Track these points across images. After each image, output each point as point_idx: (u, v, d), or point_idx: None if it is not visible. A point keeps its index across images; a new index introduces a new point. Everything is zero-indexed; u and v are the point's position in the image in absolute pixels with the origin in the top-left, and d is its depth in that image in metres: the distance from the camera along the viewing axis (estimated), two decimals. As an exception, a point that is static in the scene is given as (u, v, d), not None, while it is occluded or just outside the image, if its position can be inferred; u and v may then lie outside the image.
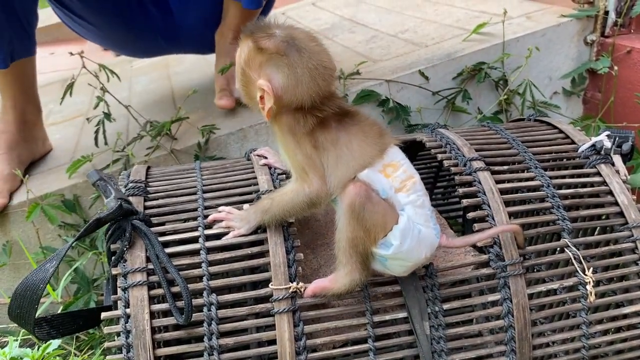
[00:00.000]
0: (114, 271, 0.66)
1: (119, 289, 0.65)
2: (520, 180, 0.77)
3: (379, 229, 0.63)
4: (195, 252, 0.68)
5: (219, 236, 0.69)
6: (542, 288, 0.70)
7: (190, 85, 1.50)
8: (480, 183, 0.73)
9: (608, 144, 0.78)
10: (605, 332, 0.73)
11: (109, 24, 1.27)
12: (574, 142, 0.82)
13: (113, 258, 0.67)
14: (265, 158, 0.80)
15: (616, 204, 0.75)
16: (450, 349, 0.67)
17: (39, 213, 1.09)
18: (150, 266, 0.66)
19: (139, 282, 0.65)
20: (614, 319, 0.73)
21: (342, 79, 1.25)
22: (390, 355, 0.67)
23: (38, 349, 0.92)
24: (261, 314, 0.66)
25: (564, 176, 0.77)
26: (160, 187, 0.76)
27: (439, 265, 0.70)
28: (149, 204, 0.73)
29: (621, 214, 0.74)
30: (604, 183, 0.76)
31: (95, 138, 1.19)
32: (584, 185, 0.77)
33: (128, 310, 0.64)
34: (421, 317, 0.67)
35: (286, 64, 0.62)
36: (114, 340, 0.64)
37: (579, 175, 0.78)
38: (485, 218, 0.71)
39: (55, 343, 0.92)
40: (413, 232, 0.63)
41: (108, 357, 0.64)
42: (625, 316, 0.72)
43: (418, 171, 0.68)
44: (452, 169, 0.76)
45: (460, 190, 0.73)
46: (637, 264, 0.73)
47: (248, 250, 0.68)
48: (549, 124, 0.89)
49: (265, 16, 1.38)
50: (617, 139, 0.78)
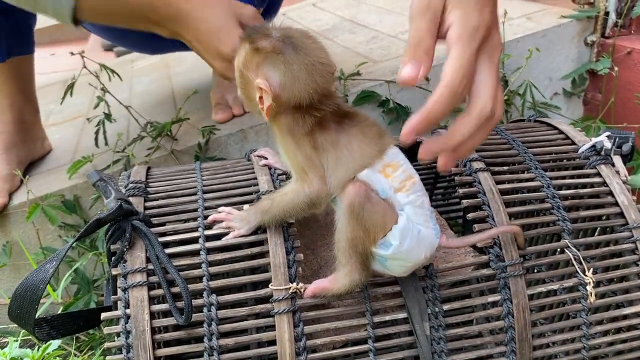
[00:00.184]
0: (114, 272, 0.66)
1: (118, 290, 0.65)
2: (520, 180, 0.77)
3: (378, 229, 0.62)
4: (195, 253, 0.68)
5: (219, 237, 0.69)
6: (542, 289, 0.70)
7: (190, 85, 1.51)
8: (480, 184, 0.73)
9: (608, 144, 0.78)
10: (606, 333, 0.73)
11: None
12: (574, 143, 0.82)
13: (113, 258, 0.67)
14: (266, 159, 0.80)
15: (616, 204, 0.75)
16: (450, 349, 0.67)
17: (39, 213, 1.09)
18: (150, 267, 0.66)
19: (139, 283, 0.65)
20: (614, 319, 0.73)
21: (343, 79, 1.25)
22: (391, 356, 0.67)
23: (38, 350, 0.92)
24: (261, 315, 0.66)
25: (564, 177, 0.77)
26: (161, 188, 0.76)
27: (438, 265, 0.70)
28: (149, 204, 0.73)
29: (621, 214, 0.74)
30: (604, 184, 0.76)
31: (96, 138, 1.19)
32: (584, 186, 0.77)
33: (128, 311, 0.64)
34: (421, 318, 0.67)
35: (282, 61, 0.62)
36: (114, 341, 0.64)
37: (579, 176, 0.78)
38: (486, 219, 0.71)
39: (55, 343, 0.92)
40: (412, 232, 0.63)
41: (108, 358, 0.64)
42: (625, 317, 0.72)
43: (418, 172, 0.67)
44: (452, 169, 0.76)
45: (460, 191, 0.73)
46: (638, 265, 0.73)
47: (248, 251, 0.68)
48: (549, 124, 0.89)
49: (270, 20, 1.38)
50: (617, 139, 0.78)
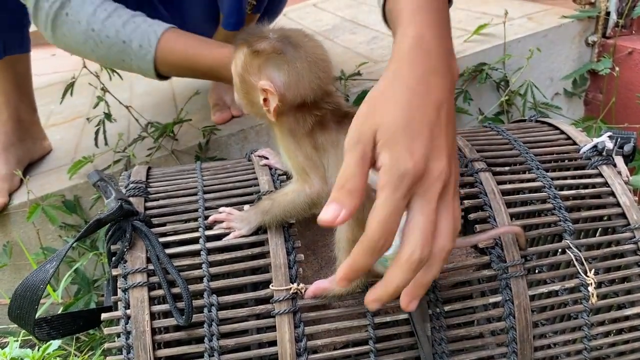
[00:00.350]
0: (114, 272, 0.66)
1: (119, 290, 0.65)
2: (521, 181, 0.76)
3: None
4: (196, 253, 0.67)
5: (219, 237, 0.68)
6: (544, 290, 0.70)
7: (191, 86, 1.50)
8: (481, 184, 0.73)
9: (610, 145, 0.78)
10: (607, 334, 0.72)
11: None
12: (575, 143, 0.82)
13: (113, 259, 0.67)
14: (266, 159, 0.80)
15: (618, 205, 0.74)
16: (451, 350, 0.67)
17: (39, 214, 1.09)
18: (151, 267, 0.65)
19: (139, 283, 0.64)
20: (616, 320, 0.72)
21: (343, 79, 1.25)
22: (392, 357, 0.67)
23: (38, 350, 0.91)
24: (262, 315, 0.66)
25: (565, 177, 0.77)
26: (161, 188, 0.76)
27: (440, 266, 0.69)
28: (149, 204, 0.73)
29: (623, 215, 0.74)
30: (606, 184, 0.76)
31: (96, 138, 1.19)
32: (586, 186, 0.76)
33: (128, 311, 0.64)
34: (422, 319, 0.66)
35: (285, 61, 0.62)
36: (114, 341, 0.64)
37: (581, 177, 0.78)
38: (487, 219, 0.71)
39: (55, 344, 0.92)
40: None
41: (108, 358, 0.64)
42: (627, 318, 0.72)
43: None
44: (454, 170, 0.76)
45: (462, 192, 0.73)
46: (639, 266, 0.72)
47: (249, 251, 0.68)
48: (550, 124, 0.88)
49: (272, 21, 1.38)
50: (619, 140, 0.78)
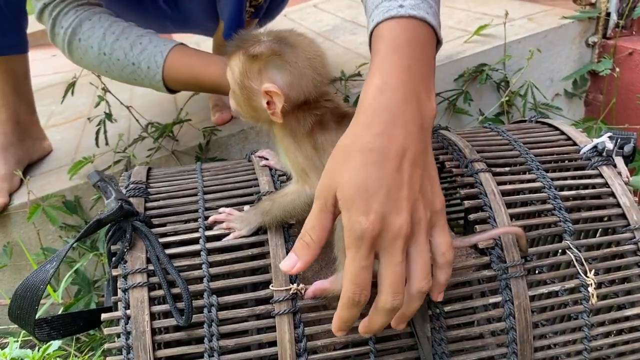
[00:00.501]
0: (114, 272, 0.66)
1: (119, 290, 0.65)
2: (521, 181, 0.76)
3: None
4: (196, 254, 0.67)
5: (219, 237, 0.69)
6: (544, 290, 0.70)
7: (191, 86, 1.50)
8: (481, 185, 0.73)
9: (610, 145, 0.78)
10: (607, 335, 0.72)
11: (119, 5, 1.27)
12: (575, 144, 0.82)
13: (113, 259, 0.67)
14: (266, 159, 0.80)
15: (618, 205, 0.74)
16: (451, 351, 0.67)
17: (40, 214, 1.09)
18: (151, 267, 0.65)
19: (139, 283, 0.64)
20: (616, 321, 0.72)
21: (343, 80, 1.25)
22: (391, 358, 0.67)
23: (38, 350, 0.91)
24: (262, 316, 0.66)
25: (565, 178, 0.77)
26: (161, 188, 0.76)
27: (440, 267, 0.69)
28: (149, 205, 0.73)
29: (623, 215, 0.74)
30: (606, 185, 0.76)
31: (96, 138, 1.19)
32: (586, 187, 0.76)
33: (128, 312, 0.64)
34: (422, 319, 0.66)
35: (284, 61, 0.63)
36: (114, 342, 0.64)
37: (581, 177, 0.78)
38: (487, 220, 0.71)
39: (55, 344, 0.92)
40: None
41: (108, 359, 0.64)
42: (627, 318, 0.72)
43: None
44: (454, 170, 0.76)
45: (462, 192, 0.73)
46: (639, 266, 0.72)
47: (249, 252, 0.68)
48: (550, 125, 0.88)
49: (271, 21, 1.38)
50: (619, 140, 0.78)
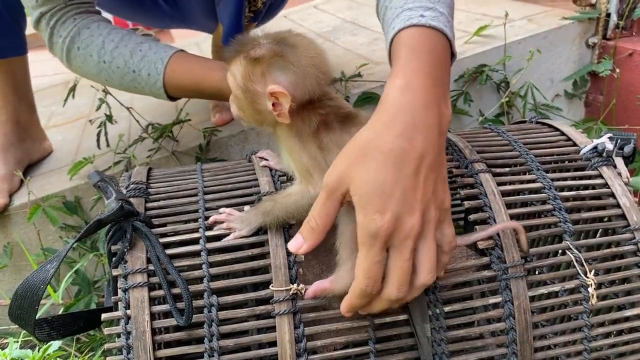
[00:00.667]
0: (115, 272, 0.66)
1: (119, 290, 0.65)
2: (522, 182, 0.76)
3: None
4: (196, 254, 0.67)
5: (220, 238, 0.69)
6: (544, 290, 0.70)
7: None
8: (481, 185, 0.73)
9: (610, 146, 0.78)
10: (607, 335, 0.72)
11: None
12: (575, 145, 0.82)
13: (114, 259, 0.67)
14: (266, 160, 0.80)
15: (618, 206, 0.74)
16: (451, 351, 0.67)
17: (40, 214, 1.10)
18: (151, 267, 0.65)
19: (140, 283, 0.65)
20: (616, 321, 0.72)
21: (344, 81, 1.25)
22: (391, 358, 0.67)
23: (38, 351, 0.91)
24: (262, 316, 0.66)
25: (565, 178, 0.77)
26: (162, 189, 0.76)
27: (440, 267, 0.69)
28: (150, 205, 0.73)
29: (623, 216, 0.74)
30: (606, 185, 0.76)
31: (97, 140, 1.19)
32: (586, 187, 0.76)
33: (128, 312, 0.64)
34: (422, 320, 0.66)
35: (288, 62, 0.63)
36: (115, 342, 0.64)
37: (581, 178, 0.78)
38: (487, 220, 0.71)
39: (55, 344, 0.92)
40: None
41: (108, 359, 0.64)
42: (627, 319, 0.72)
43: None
44: (454, 170, 0.76)
45: (462, 192, 0.73)
46: (639, 267, 0.72)
47: (249, 252, 0.68)
48: (550, 126, 0.88)
49: (269, 21, 1.39)
50: (619, 141, 0.78)
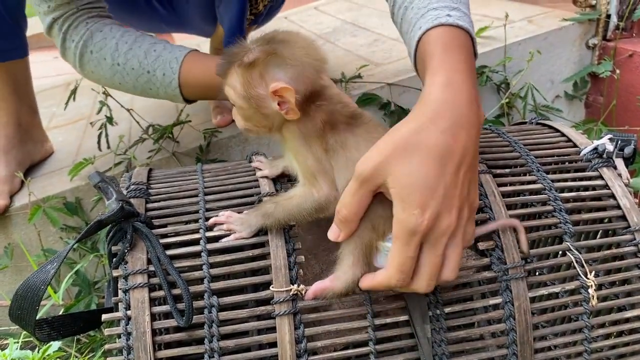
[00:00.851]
0: (115, 273, 0.66)
1: (119, 291, 0.65)
2: (522, 183, 0.76)
3: (388, 224, 0.62)
4: (197, 255, 0.68)
5: (220, 238, 0.69)
6: (544, 291, 0.70)
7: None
8: (482, 186, 0.73)
9: (610, 147, 0.78)
10: (608, 336, 0.72)
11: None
12: (576, 146, 0.82)
13: (114, 260, 0.67)
14: (260, 170, 0.78)
15: (618, 207, 0.74)
16: (451, 352, 0.67)
17: (40, 215, 1.10)
18: (151, 268, 0.65)
19: (140, 284, 0.65)
20: (616, 322, 0.72)
21: (344, 82, 1.25)
22: (392, 359, 0.66)
23: (38, 351, 0.91)
24: (262, 317, 0.66)
25: (566, 179, 0.77)
26: (162, 189, 0.76)
27: (440, 268, 0.69)
28: (150, 206, 0.73)
29: (623, 217, 0.74)
30: (606, 186, 0.76)
31: (98, 141, 1.19)
32: (586, 188, 0.76)
33: (129, 312, 0.64)
34: (422, 320, 0.66)
35: (283, 57, 0.63)
36: (115, 342, 0.64)
37: (581, 179, 0.78)
38: (487, 221, 0.71)
39: (55, 345, 0.92)
40: None
41: (109, 359, 0.64)
42: (627, 320, 0.72)
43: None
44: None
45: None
46: (639, 268, 0.72)
47: (249, 253, 0.68)
48: (551, 127, 0.88)
49: (267, 22, 1.39)
50: (620, 142, 0.78)
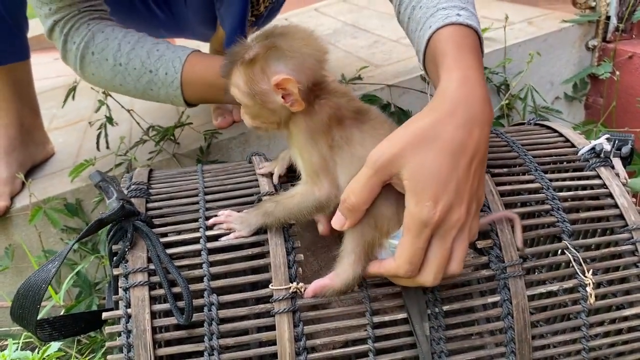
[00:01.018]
0: (116, 271, 0.66)
1: (120, 289, 0.65)
2: (520, 182, 0.77)
3: (392, 223, 0.63)
4: (197, 253, 0.68)
5: (220, 237, 0.69)
6: (542, 290, 0.70)
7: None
8: (480, 185, 0.74)
9: (607, 147, 0.78)
10: (606, 335, 0.72)
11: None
12: (574, 146, 0.82)
13: (114, 259, 0.67)
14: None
15: (616, 206, 0.75)
16: (450, 350, 0.67)
17: (41, 216, 1.10)
18: (152, 267, 0.66)
19: (140, 283, 0.65)
20: (614, 321, 0.73)
21: (344, 83, 1.26)
22: (390, 356, 0.67)
23: (38, 352, 0.92)
24: (261, 315, 0.66)
25: (564, 179, 0.77)
26: (163, 189, 0.77)
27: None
28: (151, 205, 0.73)
29: (621, 216, 0.74)
30: (604, 186, 0.76)
31: (97, 142, 1.20)
32: (584, 187, 0.77)
33: (129, 310, 0.64)
34: (421, 319, 0.67)
35: (282, 50, 0.63)
36: (115, 340, 0.64)
37: (579, 178, 0.78)
38: (485, 213, 0.71)
39: (55, 345, 0.92)
40: None
41: (109, 357, 0.64)
42: (625, 318, 0.72)
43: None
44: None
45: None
46: (637, 266, 0.73)
47: (249, 251, 0.68)
48: (549, 127, 0.89)
49: (267, 23, 1.39)
50: (617, 141, 0.78)
